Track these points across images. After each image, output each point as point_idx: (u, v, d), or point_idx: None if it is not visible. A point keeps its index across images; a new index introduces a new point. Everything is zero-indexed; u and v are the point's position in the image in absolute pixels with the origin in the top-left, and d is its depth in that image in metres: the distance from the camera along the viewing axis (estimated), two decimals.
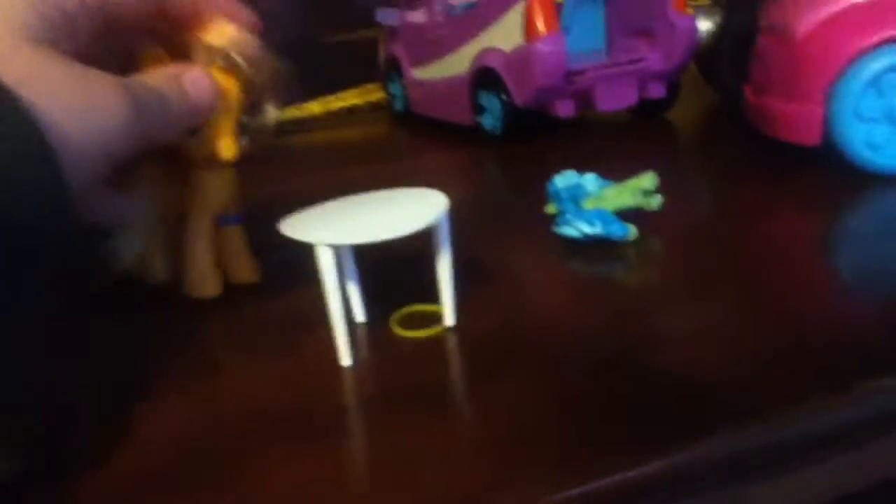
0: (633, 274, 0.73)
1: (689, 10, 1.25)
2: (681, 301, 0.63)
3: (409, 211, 0.59)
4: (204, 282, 0.68)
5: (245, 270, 0.72)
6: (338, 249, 0.59)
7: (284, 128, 0.66)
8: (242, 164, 0.68)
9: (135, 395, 0.54)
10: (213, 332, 0.65)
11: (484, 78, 1.30)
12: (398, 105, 1.60)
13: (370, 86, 1.70)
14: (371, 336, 0.63)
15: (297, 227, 0.57)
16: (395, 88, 1.62)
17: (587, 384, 0.50)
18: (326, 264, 0.55)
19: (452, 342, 0.60)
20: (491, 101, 1.29)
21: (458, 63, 1.39)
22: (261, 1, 0.78)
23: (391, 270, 0.72)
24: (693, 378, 0.49)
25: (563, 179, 0.85)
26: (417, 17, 1.53)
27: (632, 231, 0.79)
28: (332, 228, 0.56)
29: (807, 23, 0.89)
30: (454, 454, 0.44)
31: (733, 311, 0.59)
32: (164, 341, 0.64)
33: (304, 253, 0.58)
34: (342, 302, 0.57)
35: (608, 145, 1.21)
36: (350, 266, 0.63)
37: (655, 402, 0.47)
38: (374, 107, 1.68)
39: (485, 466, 0.42)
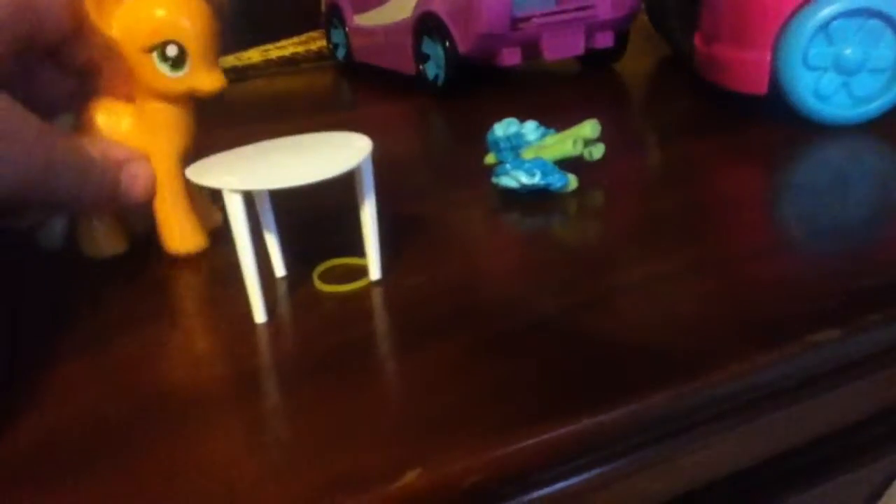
0: (571, 227, 0.70)
1: None
2: (621, 256, 0.60)
3: (329, 155, 0.54)
4: (182, 236, 0.62)
5: (212, 215, 0.67)
6: (252, 197, 0.55)
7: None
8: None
9: (43, 363, 0.49)
10: (125, 292, 0.60)
11: (427, 24, 1.25)
12: (340, 54, 1.53)
13: (312, 34, 1.63)
14: (291, 291, 0.58)
15: (205, 172, 0.52)
16: (336, 36, 1.55)
17: (516, 343, 0.47)
18: (235, 212, 0.50)
19: (377, 298, 0.57)
20: (434, 49, 1.24)
21: (400, 8, 1.33)
22: None
23: (315, 222, 0.68)
24: (630, 335, 0.46)
25: (503, 128, 0.81)
26: None
27: (572, 182, 0.76)
28: (243, 173, 0.52)
29: None
30: (374, 423, 0.40)
31: (675, 266, 0.56)
32: (78, 304, 0.59)
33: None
34: (257, 255, 0.53)
35: (554, 96, 1.17)
36: (269, 217, 0.59)
37: (589, 361, 0.44)
38: (315, 56, 1.61)
39: (404, 438, 0.38)
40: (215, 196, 0.55)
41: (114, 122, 0.59)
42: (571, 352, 0.45)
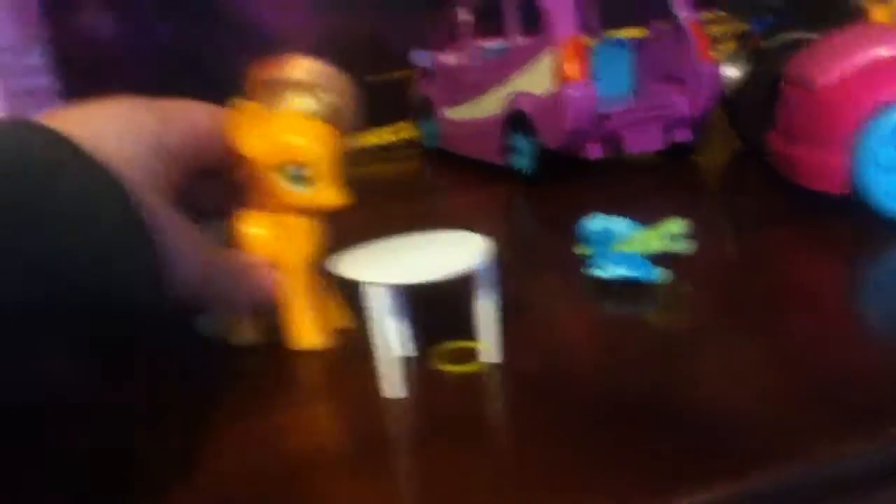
0: (661, 316, 0.76)
1: (714, 58, 1.29)
2: (707, 344, 0.66)
3: (454, 253, 0.63)
4: (312, 332, 0.71)
5: (340, 314, 0.75)
6: (386, 287, 0.63)
7: None
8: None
9: (194, 432, 0.58)
10: (263, 372, 0.69)
11: (516, 120, 1.35)
12: (430, 142, 1.65)
13: (402, 123, 1.76)
14: (415, 370, 0.66)
15: (349, 266, 0.61)
16: (427, 126, 1.67)
17: (616, 425, 0.53)
18: (377, 302, 0.59)
19: (492, 379, 0.64)
20: (522, 143, 1.34)
21: (489, 104, 1.44)
22: (300, 43, 0.83)
23: (429, 306, 0.75)
24: (717, 421, 0.52)
25: (593, 223, 0.89)
26: (450, 59, 1.59)
27: (660, 274, 0.83)
28: (383, 268, 0.61)
29: (830, 75, 0.93)
30: (488, 485, 0.47)
31: (758, 356, 0.62)
32: (221, 380, 0.68)
33: (350, 290, 0.62)
34: (387, 336, 0.61)
35: (636, 188, 1.25)
36: (395, 302, 0.67)
37: (680, 444, 0.50)
38: (406, 144, 1.73)
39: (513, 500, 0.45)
40: (352, 291, 0.64)
41: (255, 230, 0.70)
42: (669, 435, 0.51)
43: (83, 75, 1.27)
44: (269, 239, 0.69)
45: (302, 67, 0.68)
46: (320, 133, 0.67)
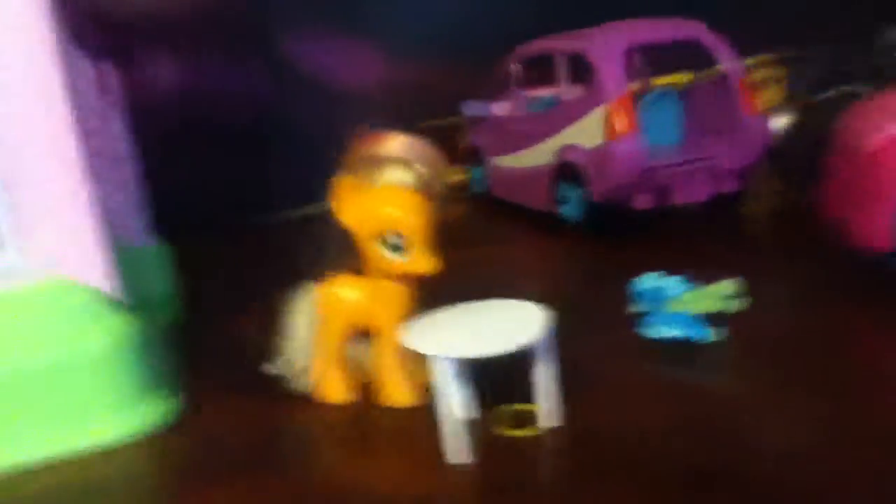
0: (713, 378, 0.79)
1: (761, 110, 1.31)
2: (765, 412, 0.68)
3: (516, 326, 0.67)
4: (402, 391, 0.77)
5: (424, 372, 0.79)
6: (451, 360, 0.67)
7: None
8: None
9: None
10: (323, 430, 0.74)
11: (565, 171, 1.39)
12: (478, 187, 1.70)
13: (451, 168, 1.80)
14: (475, 433, 0.70)
15: (417, 335, 0.66)
16: (476, 172, 1.72)
17: (671, 494, 0.55)
18: (444, 373, 0.63)
19: (549, 443, 0.67)
20: (572, 193, 1.38)
21: (539, 155, 1.49)
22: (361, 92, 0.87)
23: (488, 370, 0.78)
24: (774, 496, 0.54)
25: (646, 282, 0.92)
26: (501, 109, 1.64)
27: (712, 334, 0.85)
28: (449, 340, 0.65)
29: (882, 135, 0.94)
30: None
31: (819, 426, 0.63)
32: (280, 437, 0.73)
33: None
34: (452, 405, 0.65)
35: (684, 240, 1.27)
36: (459, 372, 0.71)
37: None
38: (454, 188, 1.78)
39: None
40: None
41: (348, 293, 0.76)
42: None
43: (156, 140, 1.34)
44: (364, 302, 0.75)
45: (397, 143, 0.75)
46: (414, 204, 0.73)
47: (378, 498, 0.62)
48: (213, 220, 1.59)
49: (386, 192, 0.76)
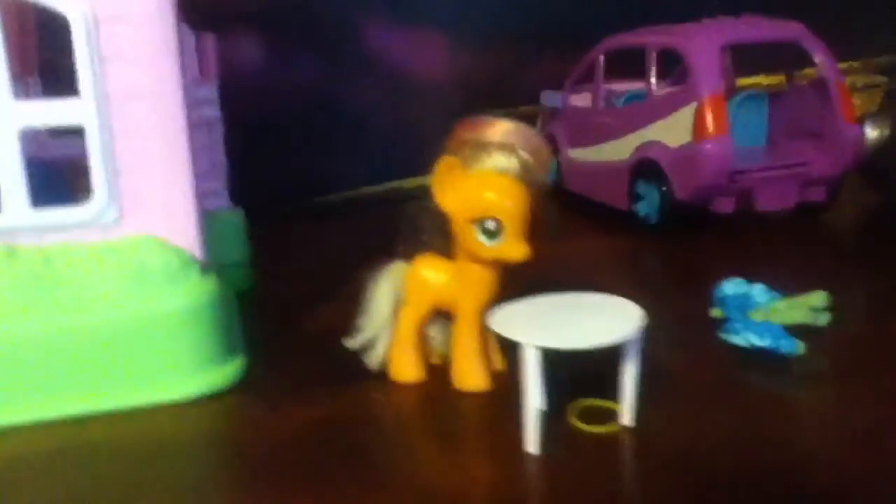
0: (802, 393, 0.76)
1: (857, 117, 1.26)
2: (849, 428, 0.66)
3: (608, 321, 0.66)
4: (478, 376, 0.77)
5: (498, 359, 0.80)
6: (541, 350, 0.66)
7: None
8: None
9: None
10: (406, 415, 0.74)
11: (644, 168, 1.36)
12: (551, 178, 1.67)
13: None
14: (551, 426, 0.69)
15: (507, 325, 0.65)
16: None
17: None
18: (532, 362, 0.62)
19: (627, 444, 0.66)
20: (650, 192, 1.35)
21: (618, 150, 1.46)
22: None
23: (566, 362, 0.77)
24: None
25: (732, 287, 0.89)
26: (581, 101, 1.62)
27: (799, 347, 0.82)
28: (541, 330, 0.65)
29: None
30: None
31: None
32: (367, 420, 0.73)
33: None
34: (536, 395, 0.64)
35: (766, 247, 1.23)
36: (539, 359, 0.70)
37: None
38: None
39: None
40: (502, 342, 0.68)
41: (432, 274, 0.76)
42: None
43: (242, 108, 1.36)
44: (450, 284, 0.75)
45: (501, 129, 0.75)
46: (512, 190, 0.73)
47: (449, 487, 0.61)
48: (284, 198, 1.62)
49: (486, 176, 0.76)
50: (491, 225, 0.73)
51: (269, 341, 0.99)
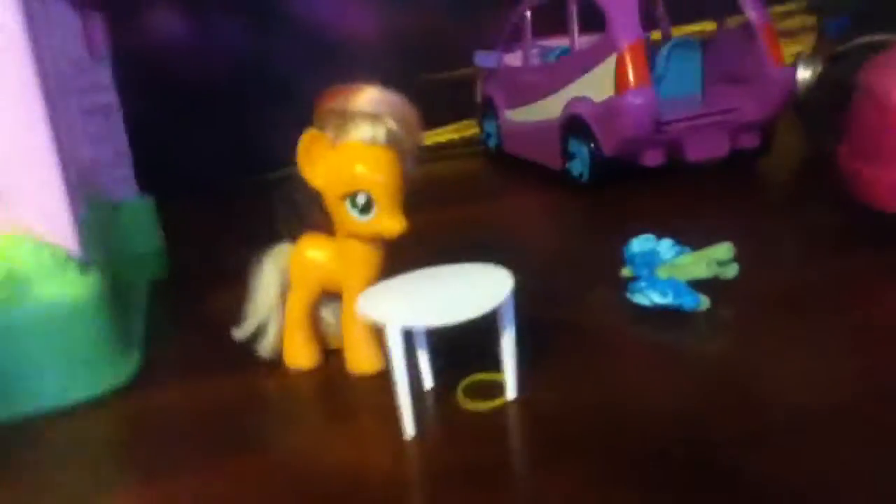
0: (702, 348, 0.74)
1: (785, 61, 1.22)
2: (751, 382, 0.63)
3: (477, 291, 0.64)
4: (367, 358, 0.74)
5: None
6: (404, 329, 0.63)
7: None
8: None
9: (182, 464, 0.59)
10: (301, 396, 0.71)
11: (574, 125, 1.32)
12: (491, 142, 1.64)
13: (466, 122, 1.76)
14: (436, 404, 0.66)
15: (375, 302, 0.62)
16: (489, 127, 1.66)
17: (649, 469, 0.52)
18: (395, 342, 0.60)
19: (514, 416, 0.64)
20: (580, 149, 1.31)
21: (549, 108, 1.42)
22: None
23: (455, 337, 0.74)
24: (763, 476, 0.50)
25: (640, 244, 0.86)
26: (513, 60, 1.57)
27: (703, 302, 0.80)
28: (404, 309, 0.62)
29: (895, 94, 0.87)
30: None
31: (825, 386, 0.58)
32: (228, 406, 0.70)
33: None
34: (409, 370, 0.62)
35: (696, 198, 1.20)
36: (421, 337, 0.67)
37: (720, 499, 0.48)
38: (468, 142, 1.73)
39: None
40: None
41: (313, 253, 0.72)
42: (712, 486, 0.49)
43: (146, 91, 1.31)
44: (331, 262, 0.72)
45: (366, 97, 0.70)
46: (382, 161, 0.69)
47: (339, 471, 0.59)
48: (195, 179, 1.55)
49: (353, 148, 0.72)
50: (361, 199, 0.69)
51: (172, 331, 0.96)
